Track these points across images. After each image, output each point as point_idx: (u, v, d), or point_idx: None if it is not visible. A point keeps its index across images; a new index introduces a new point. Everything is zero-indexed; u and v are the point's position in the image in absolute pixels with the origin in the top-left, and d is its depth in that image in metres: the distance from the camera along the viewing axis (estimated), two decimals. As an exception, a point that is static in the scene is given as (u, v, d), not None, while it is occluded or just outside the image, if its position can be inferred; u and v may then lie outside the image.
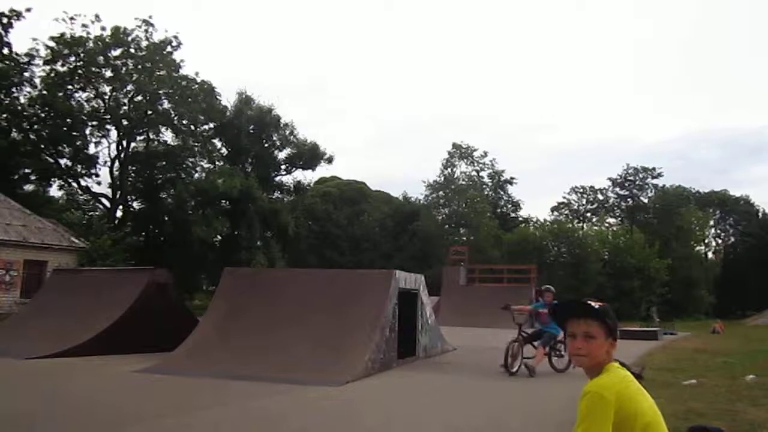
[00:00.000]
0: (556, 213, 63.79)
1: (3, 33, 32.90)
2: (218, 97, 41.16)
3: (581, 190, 65.39)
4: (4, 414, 6.81)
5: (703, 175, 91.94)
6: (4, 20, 32.65)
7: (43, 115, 34.75)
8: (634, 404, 2.07)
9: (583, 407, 2.05)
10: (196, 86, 38.90)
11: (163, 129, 39.21)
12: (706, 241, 64.14)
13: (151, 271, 14.43)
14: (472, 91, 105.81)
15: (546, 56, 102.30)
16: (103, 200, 38.57)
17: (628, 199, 62.76)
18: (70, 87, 35.76)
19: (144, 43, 37.19)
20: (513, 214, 64.32)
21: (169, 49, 37.80)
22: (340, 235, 52.75)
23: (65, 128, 34.98)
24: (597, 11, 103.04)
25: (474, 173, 59.92)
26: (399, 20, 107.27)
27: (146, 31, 37.13)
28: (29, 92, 35.03)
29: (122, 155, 37.83)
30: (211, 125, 41.51)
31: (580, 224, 60.53)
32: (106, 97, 36.93)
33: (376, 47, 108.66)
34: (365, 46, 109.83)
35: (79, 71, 35.63)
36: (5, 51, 33.35)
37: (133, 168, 39.23)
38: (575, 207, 65.60)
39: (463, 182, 57.29)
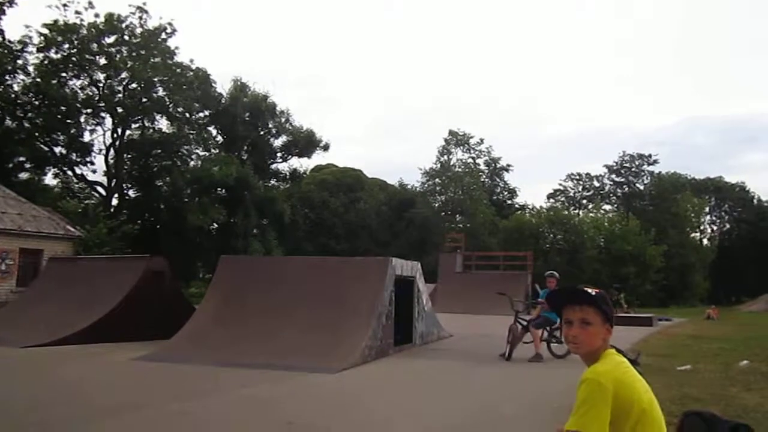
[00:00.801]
0: (552, 200, 63.89)
1: (-4, 20, 32.61)
2: (213, 84, 40.93)
3: (577, 177, 65.42)
4: (1, 402, 6.83)
5: (698, 162, 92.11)
6: (-3, 7, 32.35)
7: (37, 102, 34.52)
8: (631, 391, 2.08)
9: (580, 394, 2.07)
10: (191, 73, 38.63)
11: (158, 117, 38.97)
12: (702, 227, 64.33)
13: (148, 259, 14.44)
14: (469, 79, 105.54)
15: (542, 44, 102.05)
16: (99, 188, 38.46)
17: (624, 186, 62.79)
18: (64, 74, 35.45)
19: (138, 30, 36.86)
20: (509, 201, 64.36)
21: (163, 36, 37.46)
22: (336, 223, 52.73)
23: (60, 116, 34.75)
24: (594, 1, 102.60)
25: (470, 160, 59.84)
26: (396, 8, 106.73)
27: (140, 18, 36.79)
28: (23, 80, 34.73)
29: (117, 143, 37.63)
30: (207, 113, 41.26)
31: (576, 211, 60.56)
32: (101, 84, 36.68)
33: (373, 35, 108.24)
34: (362, 33, 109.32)
35: (73, 58, 35.33)
36: (-2, 38, 33.07)
37: (129, 156, 39.04)
38: (571, 194, 65.65)
39: (460, 169, 57.22)
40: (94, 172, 38.04)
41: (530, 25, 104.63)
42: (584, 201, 64.16)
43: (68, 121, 35.43)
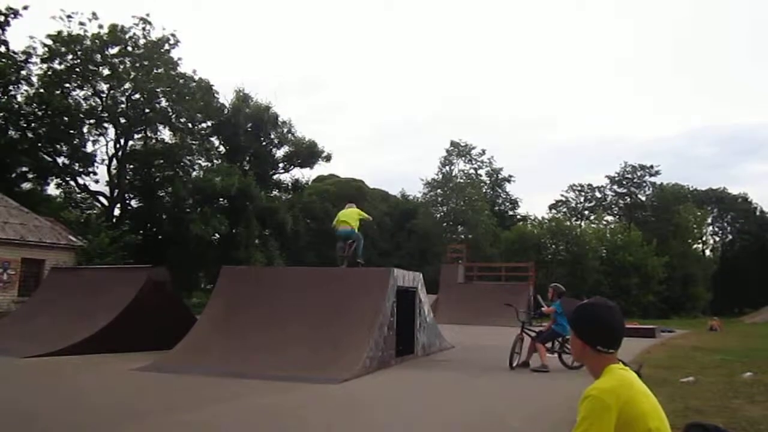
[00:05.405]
0: (554, 211, 63.84)
1: (0, 31, 32.81)
2: (216, 95, 41.08)
3: (579, 188, 65.46)
4: (4, 412, 6.82)
5: (700, 172, 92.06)
6: (1, 18, 32.53)
7: (40, 113, 34.63)
8: (636, 407, 2.07)
9: (582, 411, 2.06)
10: (194, 84, 38.76)
11: (160, 127, 39.10)
12: (704, 238, 64.19)
13: (149, 269, 14.43)
14: (470, 89, 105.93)
15: (544, 54, 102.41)
16: (101, 198, 38.50)
17: (626, 197, 62.81)
18: (67, 85, 35.61)
19: (141, 41, 37.05)
20: (511, 212, 64.38)
21: (166, 47, 37.63)
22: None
23: (63, 126, 34.87)
24: (595, 9, 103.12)
25: (472, 171, 59.95)
26: (398, 18, 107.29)
27: (144, 29, 36.98)
28: (26, 90, 34.91)
29: (120, 153, 37.73)
30: (209, 123, 41.38)
31: (578, 222, 60.56)
32: (104, 95, 36.82)
33: (375, 45, 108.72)
34: (363, 44, 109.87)
35: (77, 69, 35.49)
36: (2, 49, 33.18)
37: (131, 166, 39.13)
38: (573, 205, 65.67)
39: (461, 180, 57.26)
40: (96, 182, 38.19)
41: (532, 35, 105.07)
42: (586, 212, 64.17)
43: (71, 131, 35.57)
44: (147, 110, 37.41)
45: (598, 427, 2.00)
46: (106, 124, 37.12)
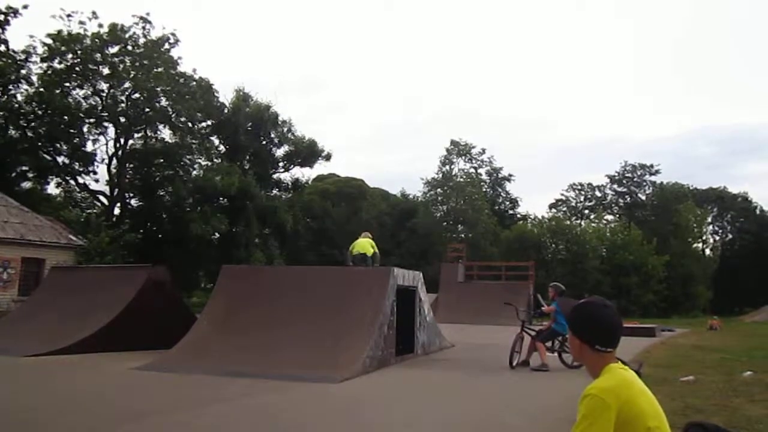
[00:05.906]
0: (554, 210, 63.81)
1: (0, 30, 32.79)
2: (216, 94, 41.08)
3: (579, 187, 65.42)
4: (3, 411, 6.82)
5: (701, 171, 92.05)
6: (1, 17, 32.51)
7: (40, 112, 34.64)
8: (635, 406, 2.07)
9: (582, 410, 2.06)
10: (194, 83, 38.75)
11: (160, 126, 39.09)
12: (704, 237, 64.14)
13: (149, 268, 14.43)
14: (470, 88, 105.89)
15: (545, 54, 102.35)
16: (101, 198, 38.52)
17: (626, 196, 62.79)
18: (67, 84, 35.61)
19: (141, 41, 37.03)
20: (511, 211, 64.36)
21: (166, 46, 37.63)
22: (338, 232, 52.75)
23: (63, 126, 34.87)
24: (596, 8, 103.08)
25: (472, 170, 59.94)
26: (398, 17, 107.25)
27: (144, 28, 36.98)
28: (26, 90, 34.92)
29: (120, 152, 37.72)
30: (209, 122, 41.37)
31: (578, 221, 60.51)
32: (104, 94, 36.81)
33: (375, 45, 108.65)
34: (363, 44, 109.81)
35: (77, 68, 35.49)
36: (2, 48, 33.19)
37: (131, 165, 39.13)
38: (573, 204, 65.61)
39: (461, 179, 57.24)
40: (96, 181, 38.22)
41: (532, 35, 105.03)
42: (586, 211, 64.12)
43: (71, 130, 35.57)
44: (147, 109, 37.40)
45: (597, 426, 2.00)
46: (106, 124, 37.13)
